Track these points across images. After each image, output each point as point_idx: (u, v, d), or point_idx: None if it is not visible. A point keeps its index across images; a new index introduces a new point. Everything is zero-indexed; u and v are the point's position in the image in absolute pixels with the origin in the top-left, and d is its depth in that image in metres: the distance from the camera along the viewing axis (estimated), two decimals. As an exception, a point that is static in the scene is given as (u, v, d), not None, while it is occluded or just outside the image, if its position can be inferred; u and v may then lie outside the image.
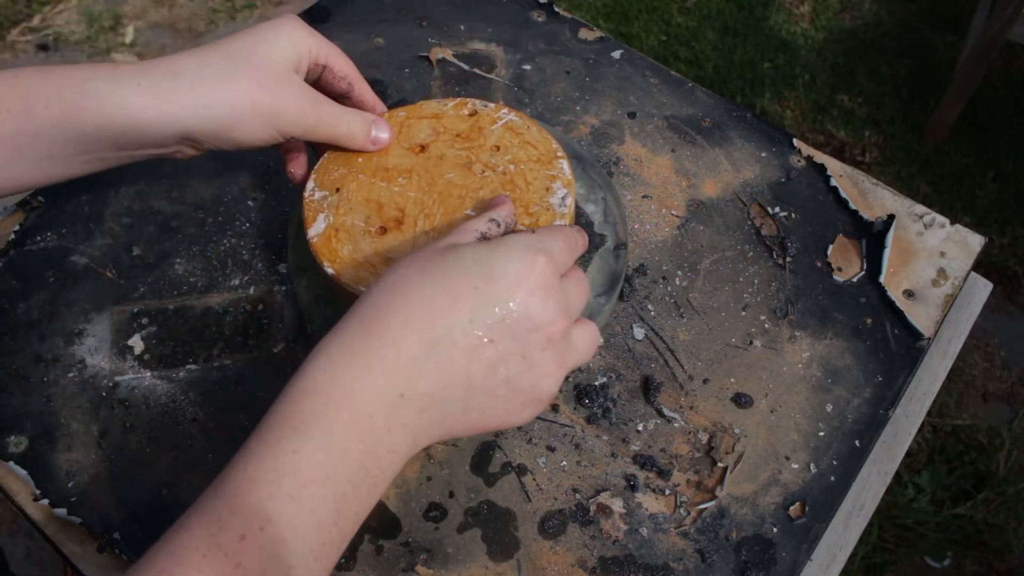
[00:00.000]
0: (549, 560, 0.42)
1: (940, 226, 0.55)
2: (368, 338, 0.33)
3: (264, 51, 0.41)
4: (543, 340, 0.34)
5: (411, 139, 0.48)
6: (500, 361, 0.34)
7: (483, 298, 0.33)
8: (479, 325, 0.33)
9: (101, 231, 0.53)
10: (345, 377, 0.33)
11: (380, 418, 0.33)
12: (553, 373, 0.35)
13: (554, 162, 0.47)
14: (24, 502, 0.44)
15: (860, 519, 0.47)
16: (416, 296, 0.34)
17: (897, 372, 0.49)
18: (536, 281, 0.34)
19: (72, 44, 1.83)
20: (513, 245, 0.35)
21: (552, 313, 0.34)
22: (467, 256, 0.34)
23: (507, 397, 0.35)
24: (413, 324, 0.33)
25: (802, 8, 1.91)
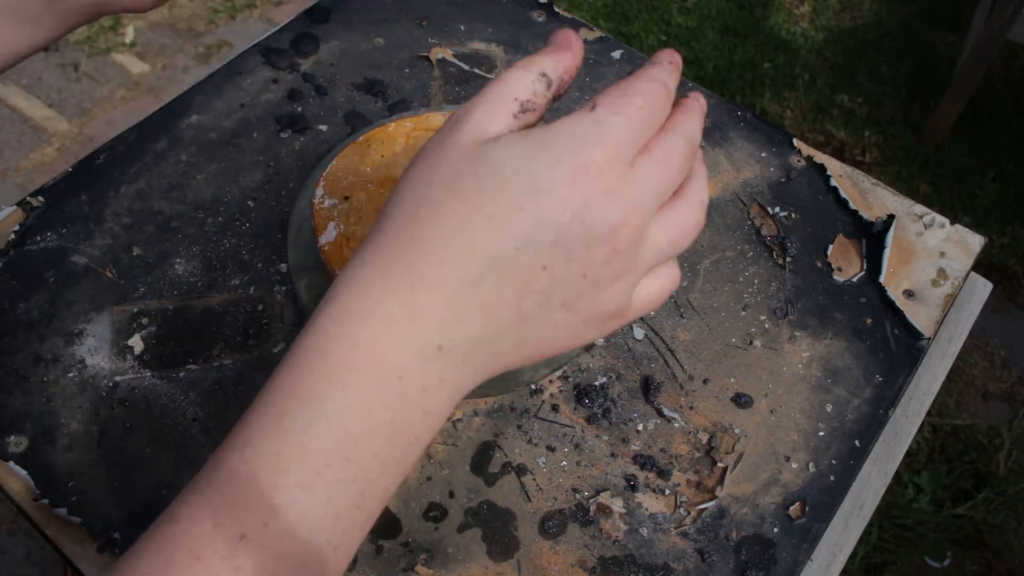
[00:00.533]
0: (549, 560, 0.42)
1: (940, 226, 0.55)
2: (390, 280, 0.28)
3: None
4: (607, 252, 0.28)
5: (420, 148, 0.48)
6: (557, 286, 0.28)
7: (529, 219, 0.27)
8: (528, 252, 0.27)
9: (101, 231, 0.53)
10: (364, 331, 0.27)
11: (412, 378, 0.28)
12: (621, 285, 0.29)
13: None
14: (24, 502, 0.44)
15: (860, 519, 0.47)
16: (447, 223, 0.27)
17: (897, 372, 0.49)
18: (594, 185, 0.27)
19: (72, 44, 1.83)
20: (561, 141, 0.28)
21: (616, 217, 0.28)
22: (505, 165, 0.27)
23: (567, 321, 0.29)
24: (447, 259, 0.27)
25: (802, 8, 1.91)
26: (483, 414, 0.47)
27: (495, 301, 0.28)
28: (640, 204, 0.28)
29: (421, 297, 0.27)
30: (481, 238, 0.27)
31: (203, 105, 0.60)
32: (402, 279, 0.28)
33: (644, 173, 0.29)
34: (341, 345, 0.27)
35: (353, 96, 0.61)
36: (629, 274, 0.29)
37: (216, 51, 1.82)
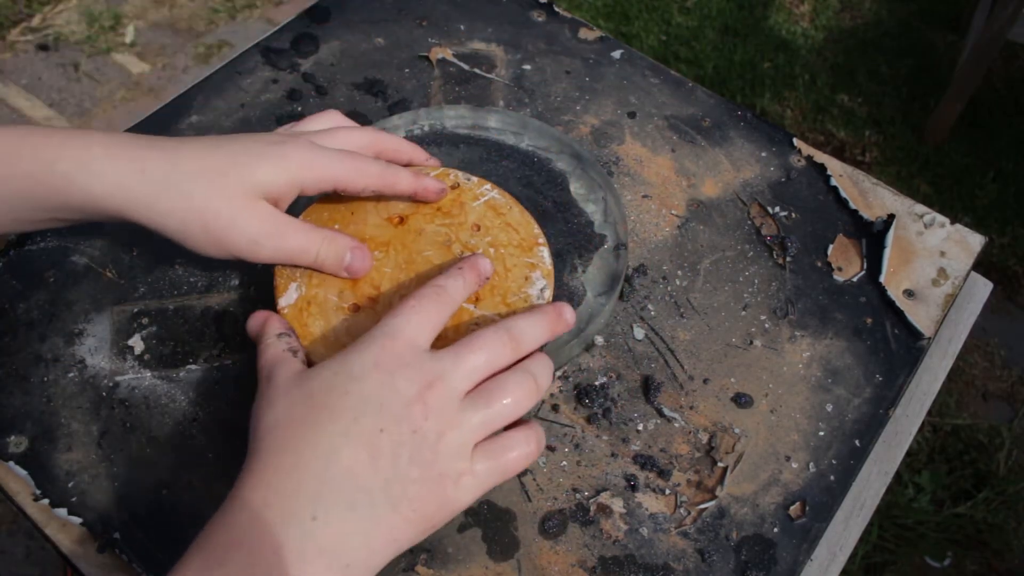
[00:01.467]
0: (549, 560, 0.42)
1: (940, 226, 0.55)
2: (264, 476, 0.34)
3: (236, 174, 0.40)
4: (422, 410, 0.35)
5: (390, 209, 0.46)
6: (397, 444, 0.34)
7: (354, 397, 0.35)
8: (363, 421, 0.34)
9: (101, 231, 0.53)
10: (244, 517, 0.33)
11: (288, 550, 0.32)
12: (451, 441, 0.35)
13: (534, 249, 0.45)
14: (24, 502, 0.44)
15: (860, 519, 0.47)
16: (297, 423, 0.35)
17: (897, 372, 0.49)
18: (390, 361, 0.36)
19: (72, 44, 1.83)
20: (360, 344, 0.37)
21: (416, 383, 0.35)
22: (327, 372, 0.36)
23: (424, 477, 0.35)
24: (304, 448, 0.34)
25: (802, 8, 1.91)
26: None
27: (353, 465, 0.34)
28: (442, 373, 0.36)
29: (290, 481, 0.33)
30: (326, 422, 0.34)
31: (203, 105, 0.60)
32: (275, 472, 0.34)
33: (450, 354, 0.37)
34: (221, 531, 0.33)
35: (353, 96, 0.61)
36: (454, 430, 0.36)
37: (216, 51, 1.83)
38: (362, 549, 0.33)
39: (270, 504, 0.33)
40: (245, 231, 0.40)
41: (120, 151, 0.39)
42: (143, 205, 0.39)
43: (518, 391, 0.37)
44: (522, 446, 0.38)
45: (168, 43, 1.85)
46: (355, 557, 0.33)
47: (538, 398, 0.38)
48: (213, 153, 0.40)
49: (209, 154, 0.40)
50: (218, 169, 0.40)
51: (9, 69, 1.78)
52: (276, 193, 0.41)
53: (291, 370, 0.38)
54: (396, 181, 0.44)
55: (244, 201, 0.40)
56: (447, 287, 0.39)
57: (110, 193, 0.39)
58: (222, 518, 0.33)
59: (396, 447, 0.34)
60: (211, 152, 0.40)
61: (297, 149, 0.41)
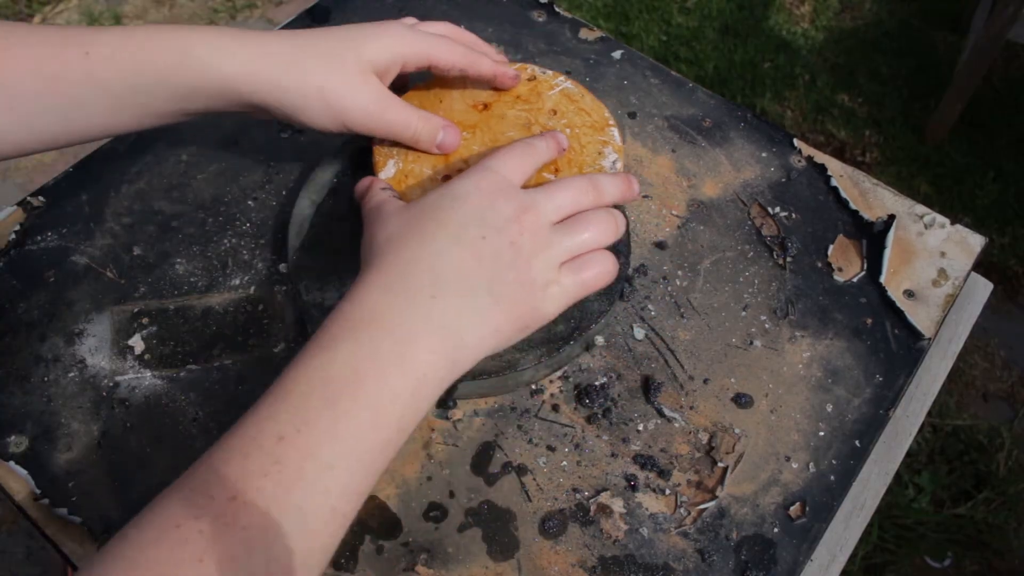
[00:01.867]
0: (549, 560, 0.42)
1: (940, 226, 0.55)
2: (382, 269, 0.38)
3: (352, 53, 0.45)
4: (519, 228, 0.40)
5: (475, 97, 0.51)
6: (496, 251, 0.39)
7: (459, 212, 0.40)
8: (469, 229, 0.39)
9: (101, 231, 0.53)
10: (369, 298, 0.37)
11: (413, 323, 0.36)
12: (542, 259, 0.40)
13: (606, 129, 0.50)
14: (24, 502, 0.44)
15: (860, 519, 0.47)
16: (410, 235, 0.39)
17: (897, 372, 0.49)
18: (489, 187, 0.41)
19: (72, 44, 1.83)
20: (461, 175, 0.42)
21: (514, 207, 0.40)
22: (431, 195, 0.41)
23: (519, 280, 0.39)
24: (418, 248, 0.38)
25: (802, 8, 1.91)
26: (483, 414, 0.47)
27: (462, 264, 0.38)
28: (535, 203, 0.41)
29: (407, 271, 0.38)
30: (434, 229, 0.39)
31: (203, 105, 0.60)
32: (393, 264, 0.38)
33: (541, 191, 0.42)
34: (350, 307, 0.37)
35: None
36: (545, 251, 0.41)
37: (216, 51, 1.82)
38: (472, 331, 0.38)
39: (393, 288, 0.37)
40: (358, 102, 0.45)
41: (247, 39, 0.44)
42: (271, 83, 0.44)
43: (600, 225, 0.43)
44: (601, 264, 0.43)
45: (168, 43, 1.85)
46: (467, 337, 0.38)
47: (617, 235, 0.43)
48: (328, 37, 0.45)
49: (324, 38, 0.45)
50: (333, 48, 0.45)
51: (9, 69, 1.77)
52: (383, 67, 0.46)
53: (397, 204, 0.42)
54: (480, 63, 0.49)
55: (357, 76, 0.45)
56: (534, 143, 0.45)
57: (241, 73, 0.43)
58: (348, 301, 0.37)
59: (497, 253, 0.39)
60: (326, 35, 0.46)
61: (397, 29, 0.47)
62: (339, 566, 0.42)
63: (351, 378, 0.34)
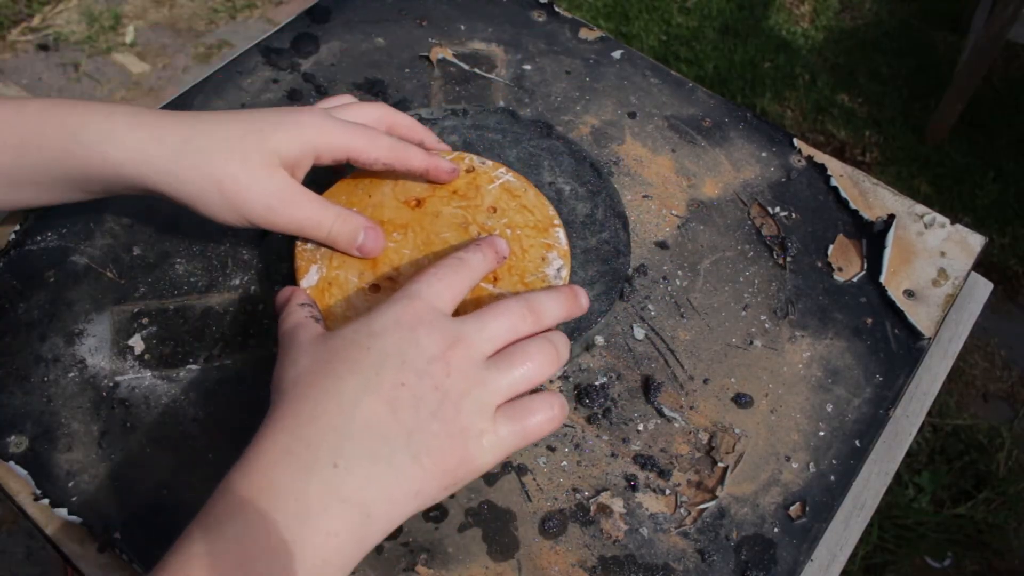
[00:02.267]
0: (549, 560, 0.42)
1: (940, 226, 0.55)
2: (284, 425, 0.34)
3: (253, 140, 0.41)
4: (444, 367, 0.36)
5: (407, 192, 0.47)
6: (418, 398, 0.35)
7: (376, 352, 0.35)
8: (384, 374, 0.35)
9: (101, 231, 0.53)
10: (264, 465, 0.33)
11: (310, 499, 0.32)
12: (473, 399, 0.36)
13: (550, 230, 0.46)
14: (24, 502, 0.44)
15: (860, 519, 0.47)
16: (320, 378, 0.35)
17: (897, 372, 0.49)
18: (412, 319, 0.36)
19: (72, 44, 1.83)
20: (386, 306, 0.38)
21: (439, 342, 0.36)
22: (348, 330, 0.37)
23: (446, 432, 0.35)
24: (325, 399, 0.34)
25: (802, 8, 1.91)
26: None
27: (374, 417, 0.34)
28: (464, 336, 0.37)
29: (309, 428, 0.33)
30: (348, 375, 0.35)
31: (203, 105, 0.60)
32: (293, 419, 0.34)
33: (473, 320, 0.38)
34: (242, 478, 0.33)
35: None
36: (476, 391, 0.36)
37: (216, 51, 1.83)
38: (384, 499, 0.33)
39: (292, 451, 0.33)
40: (260, 196, 0.41)
41: (141, 121, 0.41)
42: (162, 172, 0.40)
43: (540, 356, 0.38)
44: (545, 410, 0.38)
45: (168, 43, 1.85)
46: (377, 507, 0.33)
47: (558, 367, 0.39)
48: (230, 122, 0.42)
49: (226, 123, 0.41)
50: (235, 136, 0.41)
51: (9, 69, 1.78)
52: (292, 159, 0.42)
53: (313, 332, 0.38)
54: (409, 156, 0.45)
55: (261, 167, 0.41)
56: (467, 258, 0.40)
57: (131, 160, 0.40)
58: (240, 469, 0.33)
59: (417, 401, 0.35)
60: (228, 121, 0.42)
61: (312, 117, 0.43)
62: (339, 566, 0.42)
63: (237, 569, 0.30)
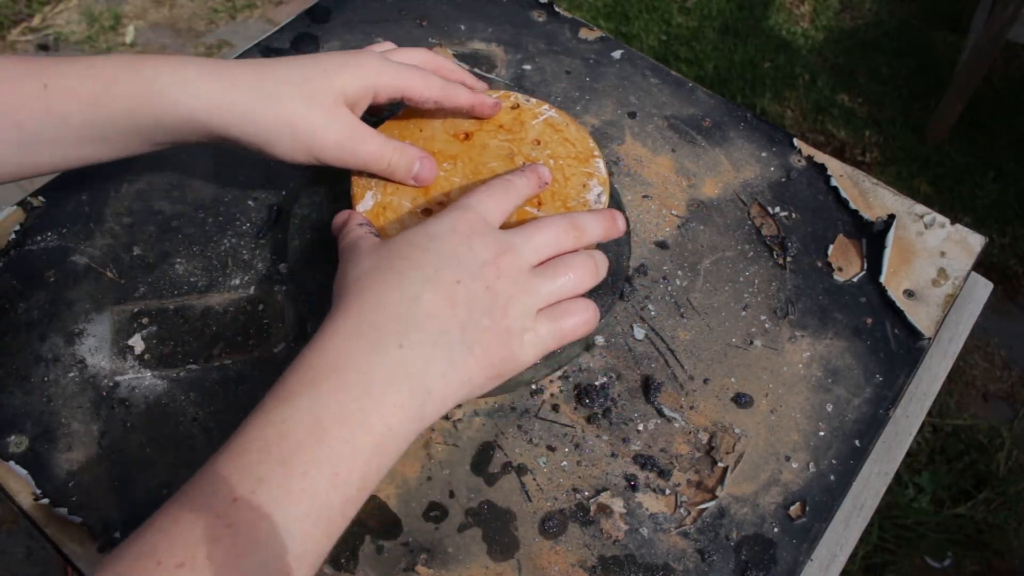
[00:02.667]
0: (549, 560, 0.42)
1: (940, 226, 0.55)
2: (350, 312, 0.37)
3: (320, 82, 0.43)
4: (495, 271, 0.39)
5: (456, 127, 0.50)
6: (472, 296, 0.38)
7: (434, 253, 0.38)
8: (443, 272, 0.38)
9: (101, 231, 0.53)
10: (334, 346, 0.35)
11: (378, 375, 0.35)
12: (519, 303, 0.39)
13: (591, 160, 0.49)
14: (24, 502, 0.44)
15: (860, 519, 0.47)
16: (381, 274, 0.38)
17: (897, 372, 0.49)
18: (466, 228, 0.40)
19: (72, 44, 1.83)
20: (441, 212, 0.41)
21: (491, 249, 0.39)
22: (408, 234, 0.40)
23: (494, 328, 0.38)
24: (388, 291, 0.37)
25: (802, 8, 1.91)
26: (483, 414, 0.47)
27: (434, 309, 0.37)
28: (513, 245, 0.40)
29: (376, 315, 0.36)
30: (408, 272, 0.38)
31: (203, 105, 0.60)
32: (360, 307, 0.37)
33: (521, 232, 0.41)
34: (313, 356, 0.35)
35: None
36: (522, 296, 0.39)
37: (216, 51, 1.83)
38: (441, 380, 0.36)
39: (360, 334, 0.36)
40: (329, 135, 0.44)
41: (212, 70, 0.42)
42: (237, 116, 0.42)
43: (580, 269, 0.42)
44: (581, 313, 0.42)
45: (168, 43, 1.85)
46: (436, 386, 0.36)
47: (598, 279, 0.43)
48: (297, 65, 0.44)
49: (294, 67, 0.44)
50: (303, 78, 0.43)
51: (9, 69, 1.77)
52: (354, 98, 0.45)
53: (372, 242, 0.41)
54: (456, 94, 0.48)
55: (328, 107, 0.43)
56: (513, 180, 0.44)
57: (205, 108, 0.42)
58: (312, 349, 0.35)
59: (471, 298, 0.38)
60: (295, 65, 0.44)
61: (371, 59, 0.46)
62: (339, 566, 0.42)
63: (309, 434, 0.32)
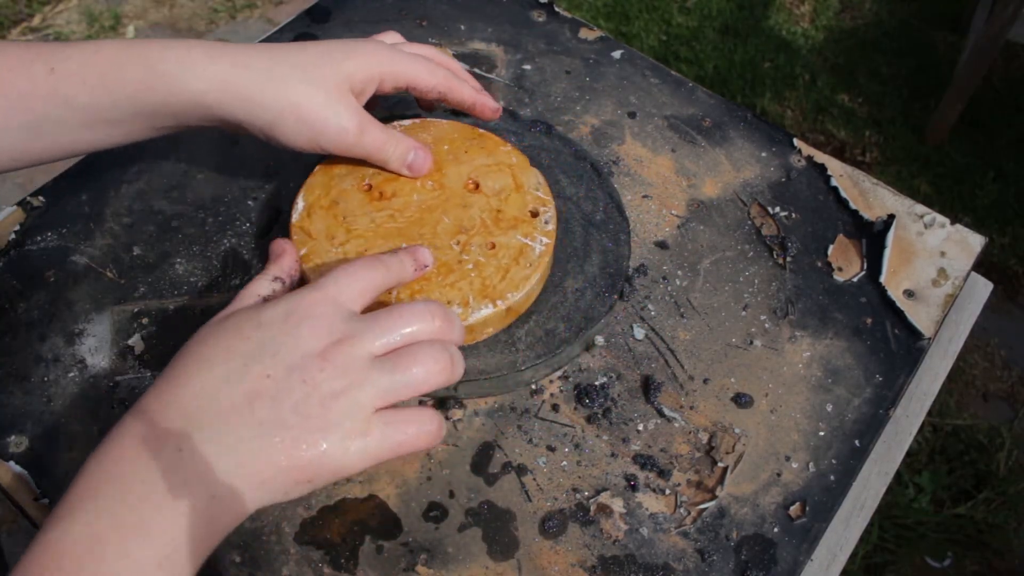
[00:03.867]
0: (549, 560, 0.42)
1: (940, 226, 0.55)
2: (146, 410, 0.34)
3: (327, 68, 0.43)
4: (319, 363, 0.35)
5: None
6: (282, 391, 0.34)
7: (254, 344, 0.35)
8: (252, 366, 0.35)
9: (101, 231, 0.53)
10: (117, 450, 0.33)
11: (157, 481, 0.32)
12: (347, 400, 0.34)
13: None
14: (24, 502, 0.44)
15: (860, 519, 0.47)
16: (193, 362, 0.35)
17: (897, 372, 0.49)
18: (304, 312, 0.36)
19: (72, 44, 1.83)
20: (285, 295, 0.37)
21: (321, 338, 0.35)
22: (241, 315, 0.37)
23: (301, 426, 0.34)
24: (189, 383, 0.35)
25: (802, 8, 1.91)
26: (483, 414, 0.47)
27: (229, 408, 0.34)
28: (354, 333, 0.36)
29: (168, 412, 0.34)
30: (221, 363, 0.35)
31: (203, 105, 0.60)
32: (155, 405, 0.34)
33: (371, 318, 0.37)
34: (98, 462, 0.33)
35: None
36: (352, 391, 0.35)
37: (216, 51, 1.82)
38: (227, 484, 0.33)
39: (148, 436, 0.33)
40: (335, 120, 0.43)
41: (220, 53, 0.42)
42: (243, 99, 0.42)
43: (431, 363, 0.36)
44: (424, 423, 0.37)
45: (168, 43, 1.84)
46: (220, 491, 0.33)
47: (450, 379, 0.37)
48: (305, 51, 0.44)
49: (302, 52, 0.44)
50: (312, 63, 0.43)
51: (9, 69, 1.77)
52: (360, 85, 0.44)
53: (236, 307, 0.39)
54: (461, 88, 0.48)
55: (334, 93, 0.43)
56: (385, 260, 0.41)
57: (212, 90, 0.42)
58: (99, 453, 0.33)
59: (279, 394, 0.34)
60: (303, 50, 0.44)
61: (379, 48, 0.46)
62: (339, 566, 0.42)
63: (88, 553, 0.30)
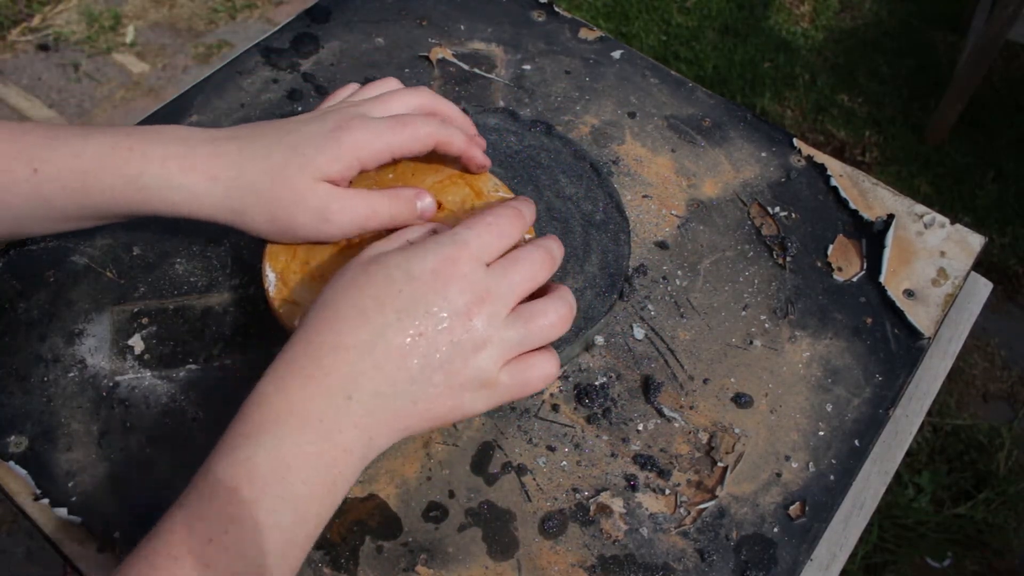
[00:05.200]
0: (549, 560, 0.42)
1: (940, 226, 0.55)
2: (308, 349, 0.37)
3: (296, 167, 0.43)
4: (465, 323, 0.37)
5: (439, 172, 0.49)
6: (432, 349, 0.37)
7: (406, 298, 0.37)
8: (407, 322, 0.37)
9: (101, 231, 0.53)
10: (291, 387, 0.36)
11: (329, 421, 0.36)
12: (486, 355, 0.38)
13: None
14: (24, 502, 0.44)
15: (860, 519, 0.47)
16: (347, 307, 0.37)
17: (897, 372, 0.49)
18: (450, 270, 0.38)
19: (72, 44, 1.83)
20: (430, 245, 0.39)
21: (467, 297, 0.37)
22: (390, 263, 0.38)
23: (446, 383, 0.37)
24: (347, 332, 0.37)
25: (802, 8, 1.91)
26: (483, 414, 0.47)
27: (385, 361, 0.36)
28: (493, 290, 0.38)
29: (330, 359, 0.36)
30: (371, 314, 0.37)
31: (203, 105, 0.60)
32: (317, 347, 0.37)
33: (500, 269, 0.39)
34: (274, 398, 0.36)
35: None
36: (490, 346, 0.38)
37: (216, 51, 1.83)
38: (384, 429, 0.37)
39: (312, 376, 0.36)
40: (309, 217, 0.43)
41: (193, 164, 0.43)
42: (216, 208, 0.43)
43: (554, 316, 0.40)
44: (545, 367, 0.40)
45: (168, 43, 1.85)
46: (378, 438, 0.37)
47: (567, 327, 0.41)
48: (274, 149, 0.43)
49: (271, 152, 0.43)
50: (280, 165, 0.43)
51: (9, 69, 1.78)
52: (336, 178, 0.44)
53: (383, 247, 0.40)
54: (451, 138, 0.46)
55: (305, 187, 0.43)
56: (524, 212, 0.42)
57: (186, 201, 0.43)
58: (268, 384, 0.36)
59: (429, 351, 0.37)
60: (272, 148, 0.43)
61: (350, 133, 0.43)
62: (339, 566, 0.42)
63: (274, 475, 0.34)
